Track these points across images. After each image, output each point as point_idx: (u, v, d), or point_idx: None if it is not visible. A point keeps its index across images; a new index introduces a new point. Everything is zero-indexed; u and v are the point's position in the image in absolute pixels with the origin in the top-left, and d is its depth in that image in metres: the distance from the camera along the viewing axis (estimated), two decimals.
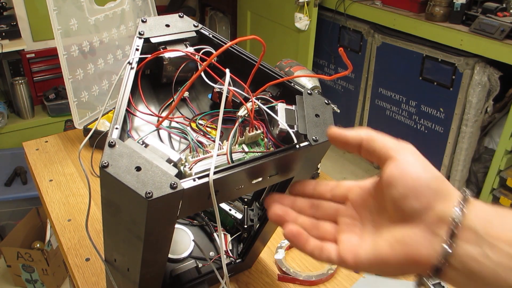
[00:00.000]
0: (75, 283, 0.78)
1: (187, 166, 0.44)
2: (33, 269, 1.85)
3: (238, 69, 0.54)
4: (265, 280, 0.77)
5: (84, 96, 1.16)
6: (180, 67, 0.55)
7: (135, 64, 0.51)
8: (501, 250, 0.32)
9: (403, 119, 2.34)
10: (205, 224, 0.76)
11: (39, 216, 2.02)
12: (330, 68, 2.74)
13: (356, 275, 0.79)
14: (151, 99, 0.57)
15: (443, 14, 2.05)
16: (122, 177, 0.37)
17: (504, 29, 1.82)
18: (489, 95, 1.98)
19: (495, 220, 0.33)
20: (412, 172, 0.35)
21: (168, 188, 0.37)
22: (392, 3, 2.31)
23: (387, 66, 2.36)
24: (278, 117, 0.49)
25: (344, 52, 0.47)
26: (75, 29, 1.09)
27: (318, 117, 0.48)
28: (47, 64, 2.49)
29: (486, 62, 1.93)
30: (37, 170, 1.07)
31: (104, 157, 0.38)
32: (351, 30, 2.51)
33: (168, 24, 0.56)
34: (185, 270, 0.68)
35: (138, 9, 1.27)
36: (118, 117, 0.44)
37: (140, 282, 0.52)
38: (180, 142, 0.52)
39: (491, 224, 0.33)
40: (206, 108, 0.59)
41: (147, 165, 0.38)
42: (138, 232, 0.43)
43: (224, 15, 3.22)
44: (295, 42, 2.51)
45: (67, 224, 0.90)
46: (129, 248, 0.49)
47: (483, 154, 2.10)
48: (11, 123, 2.39)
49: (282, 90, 0.55)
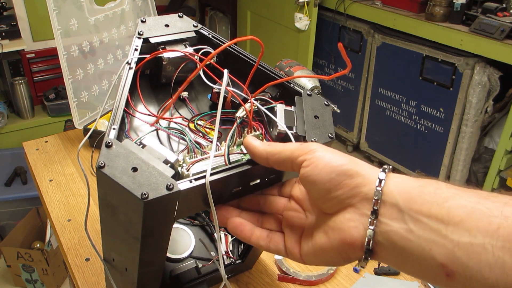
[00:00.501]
0: (75, 283, 0.78)
1: (185, 167, 0.44)
2: (33, 269, 1.85)
3: (237, 70, 0.54)
4: (265, 280, 0.77)
5: (84, 96, 1.16)
6: (179, 67, 0.55)
7: (133, 64, 0.51)
8: (423, 224, 0.32)
9: (403, 119, 2.34)
10: (206, 224, 0.76)
11: (39, 216, 2.02)
12: (330, 68, 2.74)
13: (356, 275, 0.79)
14: (150, 99, 0.57)
15: (443, 14, 2.05)
16: (118, 178, 0.37)
17: (504, 29, 1.81)
18: (489, 95, 1.97)
19: (415, 194, 0.33)
20: (324, 166, 0.36)
21: (164, 189, 0.37)
22: (392, 3, 2.30)
23: (387, 66, 2.36)
24: (277, 119, 0.49)
25: (343, 48, 0.47)
26: (75, 29, 1.09)
27: (317, 119, 0.48)
28: (47, 64, 2.50)
29: (486, 62, 1.92)
30: (37, 170, 1.07)
31: (100, 158, 0.38)
32: (351, 30, 2.51)
33: (168, 24, 0.56)
34: (185, 270, 0.68)
35: (138, 9, 1.27)
36: (116, 117, 0.44)
37: (138, 282, 0.52)
38: (178, 143, 0.52)
39: (413, 198, 0.33)
40: (206, 109, 0.59)
41: (144, 166, 0.38)
42: (135, 232, 0.43)
43: (224, 15, 3.22)
44: (295, 42, 2.51)
45: (67, 224, 0.90)
46: (127, 248, 0.49)
47: (483, 154, 2.10)
48: (11, 123, 2.40)
49: (281, 90, 0.55)
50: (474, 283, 0.30)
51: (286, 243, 0.41)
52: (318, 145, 0.38)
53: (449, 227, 0.31)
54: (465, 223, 0.31)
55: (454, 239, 0.31)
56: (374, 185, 0.35)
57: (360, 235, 0.35)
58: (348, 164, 0.36)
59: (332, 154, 0.37)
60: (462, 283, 0.31)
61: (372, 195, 0.35)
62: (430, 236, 0.32)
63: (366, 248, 0.34)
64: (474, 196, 0.32)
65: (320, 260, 0.39)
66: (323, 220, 0.38)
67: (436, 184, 0.34)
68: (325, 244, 0.37)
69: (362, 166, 0.36)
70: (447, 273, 0.31)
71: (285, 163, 0.39)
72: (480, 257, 0.30)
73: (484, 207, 0.31)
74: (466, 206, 0.32)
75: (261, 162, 0.41)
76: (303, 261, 0.40)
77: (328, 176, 0.36)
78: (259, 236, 0.42)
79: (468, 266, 0.30)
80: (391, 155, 2.47)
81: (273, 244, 0.41)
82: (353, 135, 2.68)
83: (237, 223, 0.42)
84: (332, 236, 0.37)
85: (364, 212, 0.35)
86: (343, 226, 0.36)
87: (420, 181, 0.35)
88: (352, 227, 0.35)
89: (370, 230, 0.34)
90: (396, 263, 0.35)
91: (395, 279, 0.78)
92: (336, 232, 0.36)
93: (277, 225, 0.43)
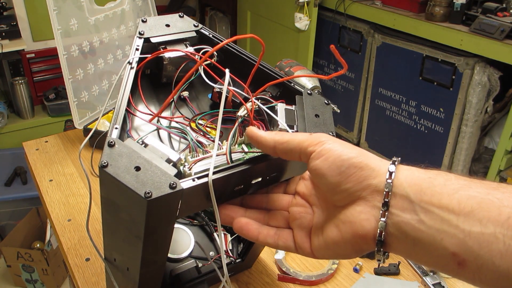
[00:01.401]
0: (75, 283, 0.78)
1: (187, 166, 0.44)
2: (33, 269, 1.85)
3: (238, 69, 0.54)
4: (265, 280, 0.77)
5: (84, 96, 1.16)
6: (180, 67, 0.55)
7: (135, 64, 0.51)
8: (434, 214, 0.33)
9: (403, 119, 2.34)
10: (205, 224, 0.76)
11: (39, 216, 2.02)
12: (330, 68, 2.74)
13: (356, 275, 0.79)
14: (151, 99, 0.57)
15: (443, 14, 2.05)
16: (121, 177, 0.37)
17: (504, 29, 1.82)
18: (489, 95, 1.97)
19: (425, 186, 0.34)
20: (335, 159, 0.36)
21: (167, 188, 0.37)
22: (392, 3, 2.31)
23: (387, 66, 2.36)
24: (277, 117, 0.49)
25: (335, 49, 0.47)
26: (75, 29, 1.09)
27: (318, 117, 0.48)
28: (47, 64, 2.49)
29: (486, 62, 1.93)
30: (37, 170, 1.07)
31: (103, 157, 0.38)
32: (351, 30, 2.51)
33: (168, 24, 0.56)
34: (185, 270, 0.68)
35: (138, 9, 1.27)
36: (118, 117, 0.44)
37: (139, 282, 0.52)
38: (179, 142, 0.52)
39: (423, 189, 0.34)
40: (206, 108, 0.59)
41: (147, 165, 0.38)
42: (137, 231, 0.43)
43: (224, 15, 3.22)
44: (295, 42, 2.51)
45: (67, 224, 0.90)
46: (129, 248, 0.49)
47: (483, 154, 2.10)
48: (11, 123, 2.40)
49: (282, 90, 0.55)
50: (485, 271, 0.31)
51: (295, 239, 0.41)
52: (327, 137, 0.38)
53: (460, 217, 0.32)
54: (475, 213, 0.31)
55: (465, 228, 0.31)
56: (384, 177, 0.35)
57: (372, 227, 0.35)
58: (358, 157, 0.36)
59: (342, 146, 0.37)
60: (473, 271, 0.31)
61: (383, 187, 0.35)
62: (441, 226, 0.32)
63: (378, 240, 0.35)
64: (484, 187, 0.33)
65: (332, 254, 0.39)
66: (333, 213, 0.38)
67: (446, 175, 0.35)
68: (337, 237, 0.37)
69: (371, 158, 0.37)
70: (459, 262, 0.32)
71: (293, 152, 0.39)
72: (491, 246, 0.30)
73: (494, 198, 0.32)
74: (476, 197, 0.32)
75: (267, 151, 0.41)
76: (314, 255, 0.40)
77: (339, 169, 0.36)
78: (267, 234, 0.42)
79: (479, 255, 0.31)
80: (391, 155, 2.44)
81: (282, 241, 0.41)
82: (353, 135, 2.68)
83: (243, 222, 0.42)
84: (344, 229, 0.37)
85: (375, 204, 0.35)
86: (354, 219, 0.36)
87: (430, 172, 0.35)
88: (364, 220, 0.35)
89: (381, 221, 0.34)
90: (408, 253, 0.35)
91: (395, 279, 0.78)
92: (348, 225, 0.36)
93: (283, 221, 0.43)
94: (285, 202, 0.44)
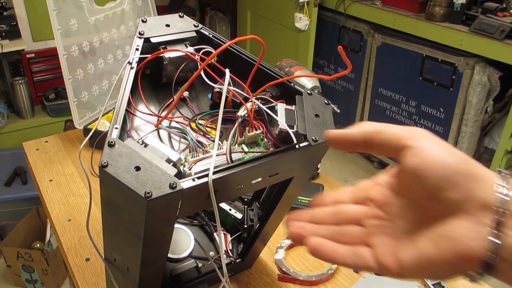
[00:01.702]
0: (75, 283, 0.78)
1: (187, 166, 0.44)
2: (33, 269, 1.85)
3: (238, 69, 0.54)
4: (265, 280, 0.77)
5: (84, 96, 1.16)
6: (180, 67, 0.55)
7: (135, 64, 0.51)
8: None
9: (403, 119, 2.34)
10: (205, 224, 0.76)
11: (39, 216, 2.02)
12: (330, 68, 2.74)
13: (356, 275, 0.79)
14: (151, 99, 0.57)
15: (443, 14, 2.05)
16: (121, 177, 0.37)
17: (504, 29, 1.82)
18: (489, 95, 1.98)
19: None
20: (438, 159, 0.31)
21: (167, 188, 0.37)
22: (392, 3, 2.31)
23: (387, 66, 2.36)
24: (278, 117, 0.49)
25: (343, 50, 0.47)
26: (75, 29, 1.09)
27: (318, 117, 0.48)
28: (47, 64, 2.49)
29: (486, 62, 1.93)
30: (37, 170, 1.07)
31: (103, 157, 0.38)
32: (351, 30, 2.51)
33: (168, 24, 0.56)
34: (185, 270, 0.68)
35: (138, 9, 1.27)
36: (118, 116, 0.44)
37: (140, 282, 0.52)
38: (179, 142, 0.52)
39: None
40: (206, 108, 0.59)
41: (147, 165, 0.38)
42: (137, 231, 0.43)
43: (224, 15, 3.22)
44: (295, 42, 2.51)
45: (67, 224, 0.90)
46: (129, 248, 0.49)
47: (483, 154, 2.10)
48: (11, 123, 2.39)
49: (282, 90, 0.55)
50: None
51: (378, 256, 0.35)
52: (423, 132, 0.33)
53: None
54: None
55: None
56: (492, 189, 0.31)
57: (480, 246, 0.30)
58: (462, 163, 0.32)
59: (441, 147, 0.32)
60: None
61: (491, 201, 0.30)
62: None
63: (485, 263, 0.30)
64: None
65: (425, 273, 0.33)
66: (426, 225, 0.33)
67: None
68: (434, 255, 0.32)
69: (475, 165, 0.32)
70: None
71: (389, 144, 0.34)
72: None
73: None
74: None
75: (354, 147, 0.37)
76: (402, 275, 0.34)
77: (442, 174, 0.31)
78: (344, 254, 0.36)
79: None
80: None
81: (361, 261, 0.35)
82: None
83: (316, 243, 0.36)
84: (444, 246, 0.31)
85: (482, 221, 0.30)
86: (457, 235, 0.31)
87: None
88: (470, 238, 0.30)
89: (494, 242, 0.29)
90: None
91: (395, 279, 0.78)
92: (449, 241, 0.31)
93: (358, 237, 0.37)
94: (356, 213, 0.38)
